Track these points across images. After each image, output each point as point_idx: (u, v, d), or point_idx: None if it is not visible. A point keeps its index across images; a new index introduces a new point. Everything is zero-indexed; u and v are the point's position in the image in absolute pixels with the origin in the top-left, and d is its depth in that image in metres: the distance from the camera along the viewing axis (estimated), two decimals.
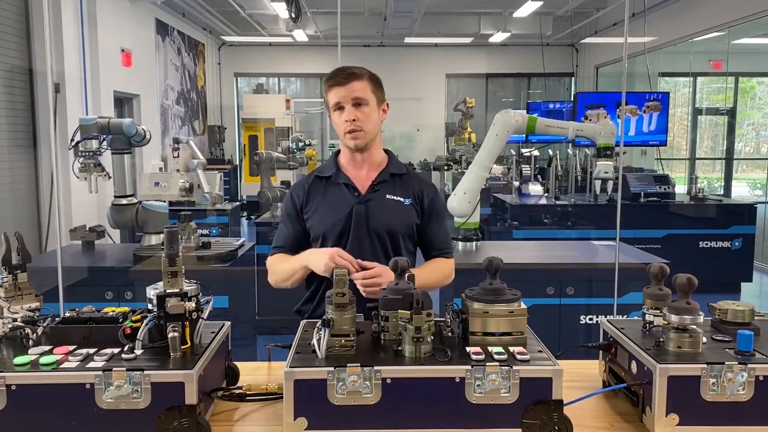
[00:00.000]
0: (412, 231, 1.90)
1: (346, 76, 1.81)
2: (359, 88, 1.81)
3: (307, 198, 1.91)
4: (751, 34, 7.71)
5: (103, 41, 6.60)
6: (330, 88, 1.83)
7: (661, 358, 1.20)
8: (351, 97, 1.80)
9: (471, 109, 6.60)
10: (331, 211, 1.86)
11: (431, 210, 1.93)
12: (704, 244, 5.68)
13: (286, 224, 1.95)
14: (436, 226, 1.95)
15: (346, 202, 1.86)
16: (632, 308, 3.01)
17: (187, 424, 1.14)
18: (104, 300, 3.07)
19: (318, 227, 1.87)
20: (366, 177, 1.91)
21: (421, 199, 1.92)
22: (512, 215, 5.47)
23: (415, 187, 1.93)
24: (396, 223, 1.87)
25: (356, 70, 1.83)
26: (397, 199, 1.88)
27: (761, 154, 10.19)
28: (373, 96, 1.84)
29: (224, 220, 5.46)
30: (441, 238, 1.96)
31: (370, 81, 1.85)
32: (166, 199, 3.54)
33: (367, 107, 1.83)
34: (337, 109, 1.84)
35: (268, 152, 5.02)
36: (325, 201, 1.89)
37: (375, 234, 1.83)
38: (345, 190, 1.89)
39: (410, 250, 1.92)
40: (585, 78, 11.74)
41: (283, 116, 10.25)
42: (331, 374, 1.15)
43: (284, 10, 8.50)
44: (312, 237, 1.90)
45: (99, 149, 3.09)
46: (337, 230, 1.84)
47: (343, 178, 1.90)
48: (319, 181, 1.94)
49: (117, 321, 1.32)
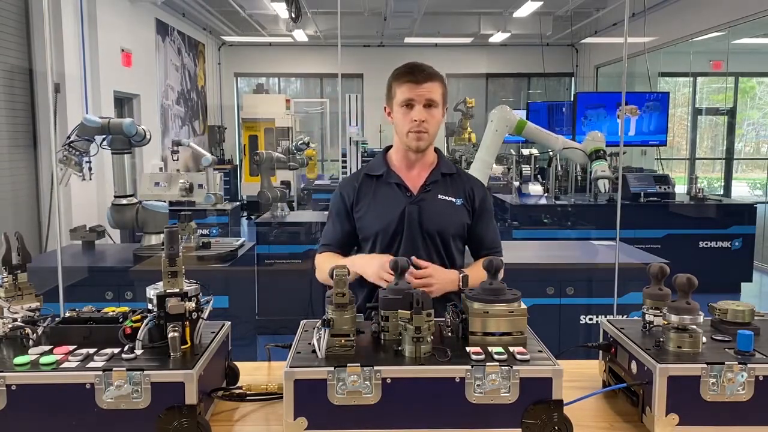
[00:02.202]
0: (463, 231, 1.90)
1: (424, 76, 1.79)
2: (434, 89, 1.80)
3: (358, 197, 1.89)
4: (751, 34, 7.71)
5: (103, 41, 6.60)
6: (402, 84, 1.81)
7: (661, 358, 1.20)
8: (425, 98, 1.79)
9: (471, 109, 6.59)
10: (384, 212, 1.85)
11: (482, 209, 1.92)
12: (704, 244, 5.67)
13: (335, 222, 1.93)
14: (485, 225, 1.94)
15: (398, 202, 1.85)
16: (632, 308, 3.01)
17: (187, 424, 1.14)
18: (104, 300, 3.07)
19: (370, 227, 1.86)
20: (417, 177, 1.90)
21: (472, 198, 1.91)
22: (512, 215, 5.47)
23: (466, 187, 1.92)
24: (448, 223, 1.86)
25: (432, 71, 1.82)
26: (448, 199, 1.88)
27: (761, 154, 10.19)
28: (442, 99, 1.84)
29: (224, 220, 5.46)
30: (491, 237, 1.95)
31: (442, 83, 1.84)
32: (166, 199, 3.54)
33: (436, 109, 1.82)
34: (405, 105, 1.81)
35: (269, 152, 5.02)
36: (377, 201, 1.88)
37: (427, 234, 1.82)
38: (397, 190, 1.87)
39: (460, 250, 1.92)
40: (585, 78, 11.74)
41: (283, 116, 10.25)
42: (331, 374, 1.15)
43: (284, 10, 8.50)
44: (362, 237, 1.89)
45: (87, 151, 3.07)
46: (389, 231, 1.83)
47: (395, 177, 1.89)
48: (369, 179, 1.92)
49: (117, 321, 1.32)
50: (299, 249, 4.55)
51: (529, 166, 6.34)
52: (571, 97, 12.02)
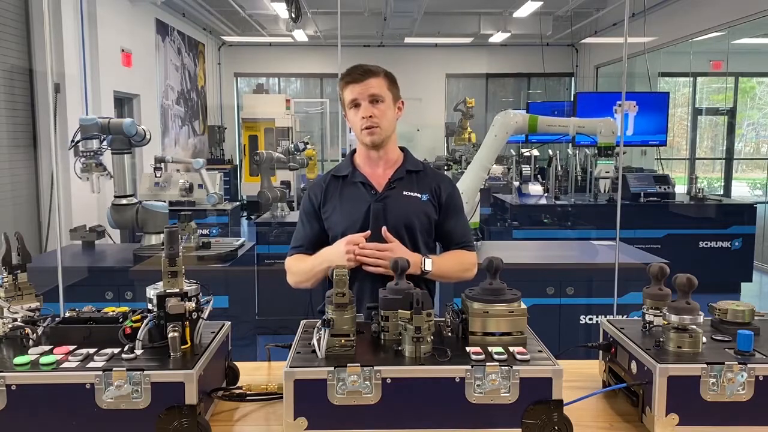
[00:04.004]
0: (429, 226, 1.90)
1: (362, 73, 1.82)
2: (375, 84, 1.82)
3: (325, 197, 1.91)
4: (751, 34, 7.71)
5: (103, 41, 6.60)
6: (346, 85, 1.84)
7: (661, 358, 1.20)
8: (367, 94, 1.81)
9: (471, 109, 6.61)
10: (350, 210, 1.87)
11: (448, 204, 1.93)
12: (704, 244, 5.67)
13: (304, 224, 1.95)
14: (454, 220, 1.94)
15: (363, 200, 1.87)
16: (632, 308, 3.01)
17: (187, 424, 1.14)
18: (104, 300, 3.07)
19: (336, 226, 1.88)
20: (382, 175, 1.91)
21: (439, 194, 1.92)
22: (512, 215, 5.47)
23: (432, 183, 1.93)
24: (414, 218, 1.87)
25: (372, 68, 1.84)
26: (414, 195, 1.88)
27: (761, 154, 10.18)
28: (389, 93, 1.85)
29: (224, 220, 5.46)
30: (460, 232, 1.95)
31: (386, 78, 1.85)
32: (166, 199, 3.54)
33: (383, 104, 1.83)
34: (353, 106, 1.84)
35: (269, 152, 5.01)
36: (343, 200, 1.90)
37: (393, 231, 1.83)
38: (362, 188, 1.89)
39: (429, 246, 1.92)
40: (585, 78, 11.73)
41: (283, 116, 10.25)
42: (331, 374, 1.15)
43: (284, 10, 8.50)
44: (331, 237, 1.90)
45: (100, 149, 3.09)
46: (355, 229, 1.84)
47: (360, 176, 1.90)
48: (336, 180, 1.94)
49: (117, 321, 1.32)
50: None
51: (529, 166, 6.34)
52: (571, 97, 12.02)
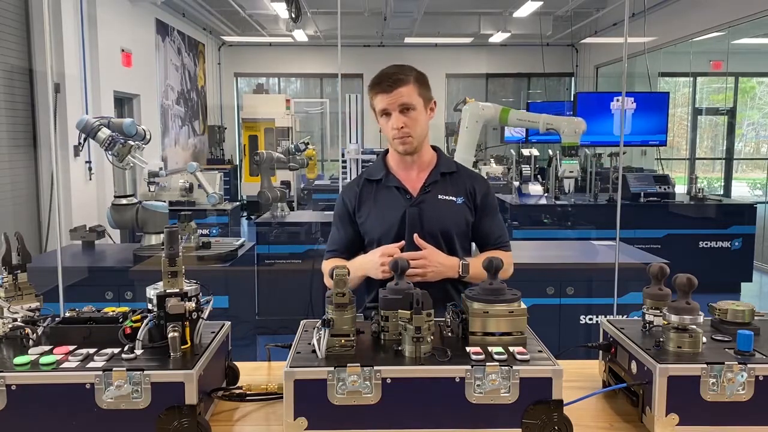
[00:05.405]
0: (466, 229, 1.90)
1: (392, 82, 1.77)
2: (405, 93, 1.77)
3: (359, 202, 1.90)
4: (751, 34, 7.70)
5: (103, 41, 6.60)
6: (376, 95, 1.80)
7: (661, 358, 1.20)
8: (398, 104, 1.77)
9: None
10: (385, 216, 1.85)
11: (484, 205, 1.91)
12: (704, 244, 5.67)
13: (339, 228, 1.94)
14: (489, 221, 1.93)
15: (398, 205, 1.85)
16: (632, 308, 3.02)
17: (187, 424, 1.14)
18: (104, 300, 3.07)
19: (372, 232, 1.87)
20: (417, 178, 1.90)
21: (474, 195, 1.90)
22: (512, 215, 5.47)
23: (467, 184, 1.91)
24: (450, 223, 1.85)
25: (402, 75, 1.78)
26: (449, 198, 1.87)
27: (761, 154, 10.19)
28: (419, 99, 1.81)
29: (224, 220, 5.46)
30: (496, 232, 1.94)
31: (416, 83, 1.80)
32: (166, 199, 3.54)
33: (415, 111, 1.80)
34: (383, 114, 1.82)
35: (269, 152, 5.01)
36: (378, 205, 1.88)
37: (430, 236, 1.82)
38: (396, 193, 1.87)
39: (466, 248, 1.92)
40: (585, 78, 11.73)
41: (283, 116, 10.25)
42: (331, 374, 1.15)
43: (284, 10, 8.50)
44: (366, 241, 1.89)
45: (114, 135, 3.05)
46: (392, 234, 1.83)
47: (394, 181, 1.89)
48: (369, 184, 1.92)
49: (117, 321, 1.32)
50: (299, 249, 4.55)
51: (529, 166, 6.34)
52: (571, 97, 12.02)
